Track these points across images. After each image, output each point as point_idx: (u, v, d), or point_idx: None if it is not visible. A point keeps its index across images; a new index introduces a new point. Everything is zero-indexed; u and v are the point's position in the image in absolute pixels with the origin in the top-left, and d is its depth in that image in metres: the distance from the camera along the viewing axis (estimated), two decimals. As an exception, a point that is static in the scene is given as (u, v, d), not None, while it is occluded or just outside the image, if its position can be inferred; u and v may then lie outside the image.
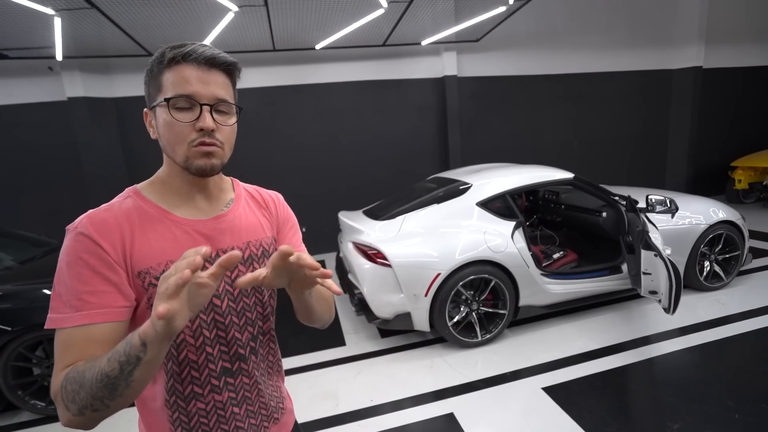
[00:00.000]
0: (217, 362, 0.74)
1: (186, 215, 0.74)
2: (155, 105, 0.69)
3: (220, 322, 0.74)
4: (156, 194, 0.74)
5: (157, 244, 0.68)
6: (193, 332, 0.72)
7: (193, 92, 0.66)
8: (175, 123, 0.67)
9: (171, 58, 0.66)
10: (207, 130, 0.67)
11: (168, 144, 0.69)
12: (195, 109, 0.67)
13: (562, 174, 3.10)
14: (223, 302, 0.74)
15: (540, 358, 2.59)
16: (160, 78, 0.67)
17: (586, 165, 6.22)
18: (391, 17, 4.26)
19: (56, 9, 3.34)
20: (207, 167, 0.70)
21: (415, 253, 2.68)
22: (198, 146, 0.68)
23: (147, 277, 0.67)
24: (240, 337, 0.77)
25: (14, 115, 4.78)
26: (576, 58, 6.09)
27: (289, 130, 5.31)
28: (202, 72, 0.67)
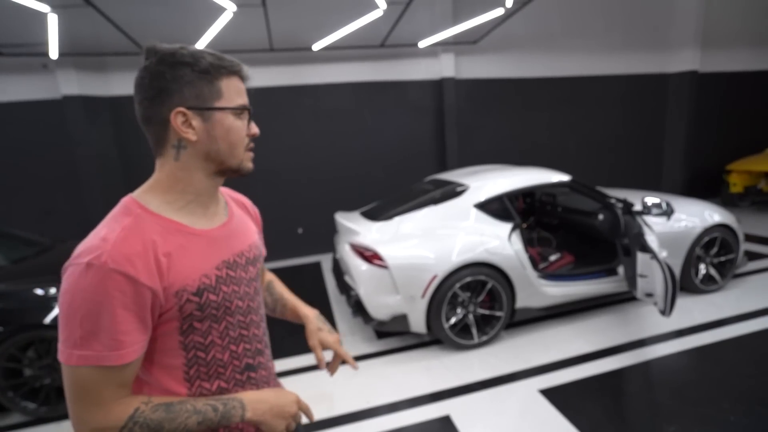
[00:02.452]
0: (242, 359, 0.79)
1: (202, 225, 0.75)
2: (212, 108, 0.70)
3: (242, 322, 0.79)
4: (166, 207, 0.72)
5: (188, 262, 0.70)
6: (221, 333, 0.75)
7: (246, 103, 0.75)
8: (241, 129, 0.74)
9: (231, 70, 0.72)
10: (256, 135, 0.78)
11: (228, 147, 0.73)
12: (244, 117, 0.75)
13: (559, 176, 3.10)
14: (244, 302, 0.79)
15: (536, 360, 2.59)
16: (218, 84, 0.71)
17: (583, 167, 6.24)
18: (389, 18, 4.26)
19: (51, 6, 3.30)
20: (251, 169, 0.79)
21: (412, 254, 2.67)
22: (248, 150, 0.77)
23: (184, 294, 0.68)
24: (258, 333, 0.84)
25: (7, 112, 4.73)
26: (573, 61, 6.11)
27: (286, 131, 5.29)
28: (242, 86, 0.76)
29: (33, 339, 2.27)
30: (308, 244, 5.47)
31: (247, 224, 0.88)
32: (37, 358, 2.31)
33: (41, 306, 2.30)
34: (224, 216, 0.81)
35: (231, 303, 0.76)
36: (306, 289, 4.28)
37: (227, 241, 0.78)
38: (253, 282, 0.83)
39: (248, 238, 0.85)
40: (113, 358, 0.61)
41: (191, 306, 0.69)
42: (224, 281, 0.75)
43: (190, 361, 0.73)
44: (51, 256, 2.96)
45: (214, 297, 0.72)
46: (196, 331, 0.72)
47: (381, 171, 5.60)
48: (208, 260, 0.73)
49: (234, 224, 0.82)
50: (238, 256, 0.79)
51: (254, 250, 0.85)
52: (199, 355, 0.73)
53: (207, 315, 0.72)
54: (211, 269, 0.73)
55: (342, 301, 3.69)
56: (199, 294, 0.70)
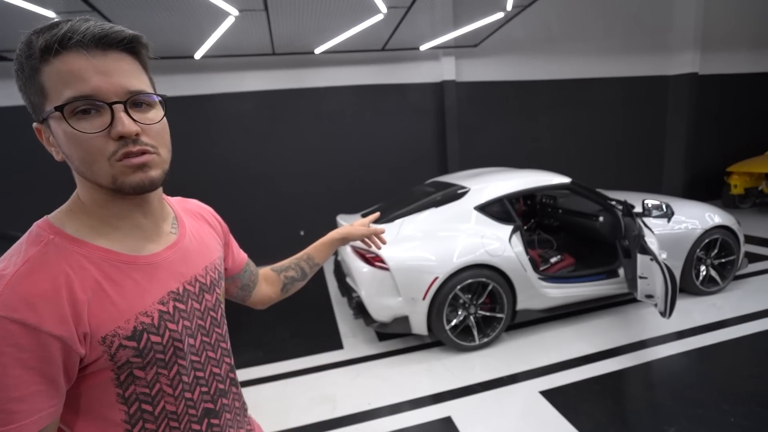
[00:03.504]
0: (198, 406, 0.65)
1: (137, 250, 0.59)
2: (46, 117, 0.51)
3: (196, 362, 0.64)
4: (86, 230, 0.56)
5: (119, 298, 0.54)
6: (171, 381, 0.60)
7: (92, 90, 0.49)
8: (80, 136, 0.49)
9: (44, 48, 0.48)
10: (129, 135, 0.51)
11: (81, 164, 0.52)
12: (104, 113, 0.50)
13: (560, 179, 3.12)
14: (197, 339, 0.65)
15: (537, 362, 2.60)
16: (38, 79, 0.49)
17: (584, 170, 6.26)
18: (390, 22, 4.29)
19: (57, 12, 3.35)
20: (146, 182, 0.54)
21: (413, 256, 2.69)
22: (122, 159, 0.51)
23: (116, 339, 0.53)
24: (219, 371, 0.69)
25: (14, 116, 4.78)
26: (573, 63, 6.14)
27: (288, 134, 5.32)
28: (96, 59, 0.49)
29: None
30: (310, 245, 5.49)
31: (205, 241, 0.73)
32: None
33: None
34: (173, 235, 0.66)
35: (182, 342, 0.61)
36: (308, 291, 4.29)
37: (175, 266, 0.63)
38: (209, 313, 0.68)
39: (204, 258, 0.70)
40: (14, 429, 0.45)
41: (126, 353, 0.54)
42: (171, 317, 0.60)
43: (134, 416, 0.58)
44: None
45: (158, 338, 0.57)
46: (138, 381, 0.57)
47: (382, 174, 5.63)
48: (147, 294, 0.57)
49: (186, 244, 0.67)
50: (190, 283, 0.65)
51: (211, 273, 0.70)
52: (144, 408, 0.58)
53: (150, 361, 0.57)
54: (151, 305, 0.57)
55: (344, 303, 3.71)
56: (136, 338, 0.55)
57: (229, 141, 5.10)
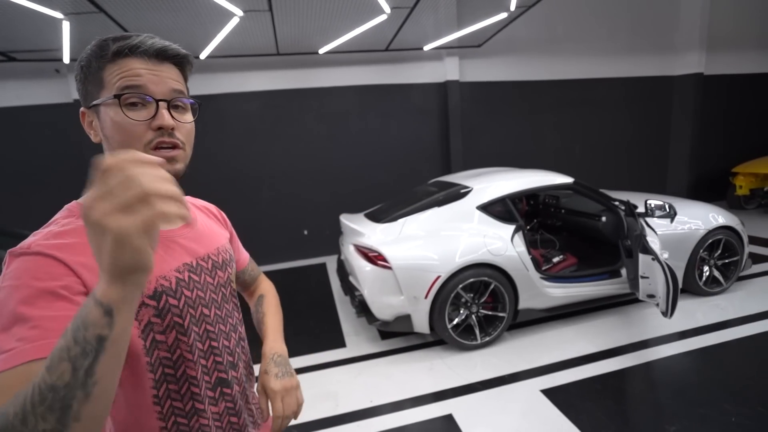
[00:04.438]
0: (213, 374, 0.71)
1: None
2: (97, 103, 0.60)
3: (211, 332, 0.71)
4: None
5: None
6: (190, 346, 0.67)
7: (144, 85, 0.59)
8: (127, 122, 0.58)
9: (116, 51, 0.58)
10: (167, 128, 0.59)
11: (120, 147, 0.60)
12: (149, 107, 0.59)
13: (563, 179, 3.13)
14: (211, 311, 0.72)
15: (539, 361, 2.61)
16: (101, 73, 0.59)
17: (588, 170, 6.25)
18: (394, 23, 4.31)
19: (65, 13, 3.40)
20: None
21: (416, 255, 2.70)
22: (156, 149, 0.60)
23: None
24: (228, 344, 0.75)
25: (21, 116, 4.85)
26: (577, 63, 6.13)
27: (291, 134, 5.36)
28: (153, 65, 0.60)
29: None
30: (314, 245, 5.52)
31: (213, 228, 0.81)
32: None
33: None
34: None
35: (196, 310, 0.68)
36: (311, 290, 4.32)
37: (190, 243, 0.71)
38: (221, 288, 0.75)
39: (215, 241, 0.78)
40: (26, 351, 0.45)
41: (149, 312, 0.61)
42: (186, 285, 0.67)
43: (158, 381, 0.64)
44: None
45: (175, 301, 0.64)
46: (159, 346, 0.63)
47: (386, 173, 5.65)
48: (165, 262, 0.65)
49: (198, 226, 0.75)
50: (203, 259, 0.72)
51: (223, 254, 0.77)
52: (167, 373, 0.65)
53: (169, 324, 0.63)
54: (170, 271, 0.65)
55: (346, 301, 3.73)
56: (156, 297, 0.62)
57: (233, 140, 5.14)
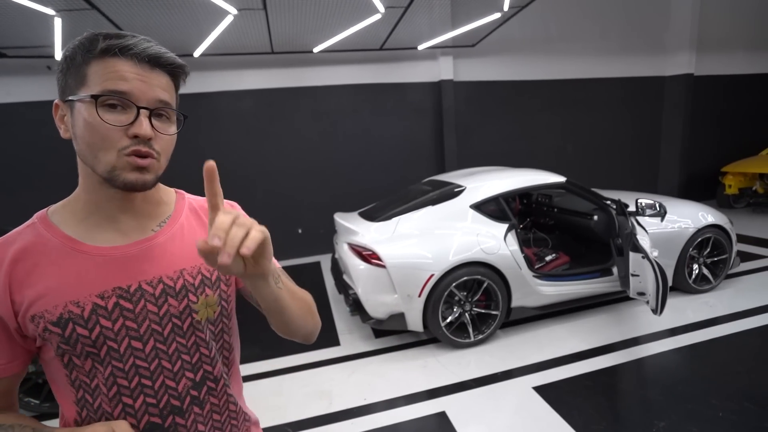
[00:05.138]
0: (141, 416, 0.63)
1: (101, 241, 0.61)
2: (74, 99, 0.56)
3: (143, 368, 0.62)
4: (68, 217, 0.62)
5: (55, 283, 0.57)
6: (106, 380, 0.60)
7: (129, 91, 0.55)
8: (102, 125, 0.54)
9: (105, 49, 0.54)
10: (144, 137, 0.56)
11: (88, 149, 0.56)
12: (129, 112, 0.55)
13: (555, 178, 3.15)
14: (147, 344, 0.62)
15: (531, 359, 2.64)
16: (85, 68, 0.55)
17: (580, 169, 6.31)
18: (388, 22, 4.32)
19: (57, 9, 3.36)
20: (138, 183, 0.57)
21: (410, 254, 2.72)
22: (130, 156, 0.56)
23: (41, 322, 0.56)
24: (174, 385, 0.65)
25: (12, 113, 4.79)
26: (570, 63, 6.18)
27: (286, 132, 5.34)
28: (143, 70, 0.56)
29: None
30: (308, 244, 5.52)
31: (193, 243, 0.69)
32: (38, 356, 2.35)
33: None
34: (150, 231, 0.65)
35: (118, 343, 0.60)
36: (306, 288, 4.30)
37: (134, 263, 0.62)
38: (172, 319, 0.64)
39: (182, 261, 0.66)
40: None
41: (54, 337, 0.57)
42: (108, 314, 0.59)
43: (80, 401, 0.62)
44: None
45: (85, 332, 0.58)
46: (78, 369, 0.60)
47: (380, 172, 5.66)
48: (86, 284, 0.59)
49: (161, 243, 0.65)
50: (149, 283, 0.62)
51: (187, 278, 0.66)
52: (86, 398, 0.61)
53: (83, 352, 0.59)
54: (87, 296, 0.58)
55: (340, 300, 3.74)
56: (61, 325, 0.57)
57: (227, 139, 5.12)
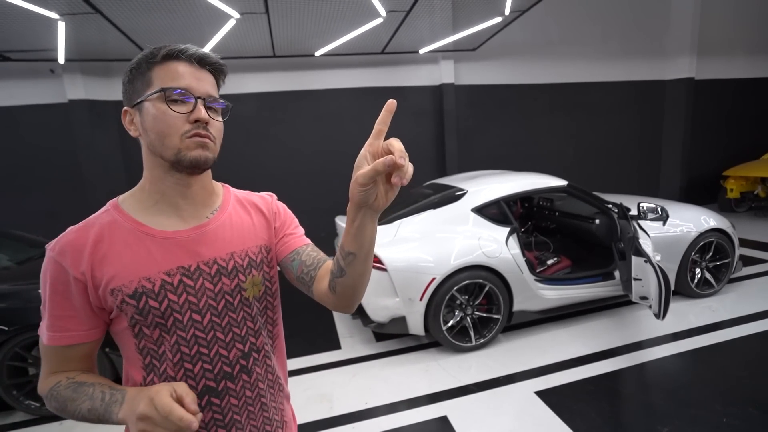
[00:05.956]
0: (199, 380, 0.71)
1: (164, 226, 0.71)
2: (143, 100, 0.66)
3: (201, 338, 0.71)
4: (135, 205, 0.72)
5: (129, 261, 0.67)
6: (172, 347, 0.69)
7: (187, 85, 0.66)
8: (169, 114, 0.65)
9: (165, 55, 0.66)
10: (203, 121, 0.66)
11: (157, 137, 0.66)
12: (188, 103, 0.66)
13: (557, 181, 3.15)
14: (205, 317, 0.71)
15: (533, 363, 2.62)
16: (149, 74, 0.66)
17: (581, 173, 6.31)
18: (390, 26, 4.34)
19: (60, 13, 3.39)
20: (201, 159, 0.67)
21: (411, 257, 2.71)
22: (192, 137, 0.66)
23: (119, 295, 0.66)
24: (226, 354, 0.73)
25: (15, 116, 4.81)
26: (571, 67, 6.20)
27: (287, 136, 5.36)
28: (195, 69, 0.67)
29: (37, 339, 2.30)
30: (309, 247, 5.51)
31: (244, 229, 0.78)
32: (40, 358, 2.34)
33: (46, 306, 2.34)
34: (205, 218, 0.74)
35: (182, 315, 0.69)
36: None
37: (193, 245, 0.71)
38: (225, 296, 0.73)
39: (234, 245, 0.75)
40: (46, 338, 0.66)
41: (130, 308, 0.66)
42: (174, 289, 0.68)
43: (147, 366, 0.70)
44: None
45: (156, 304, 0.67)
46: (146, 337, 0.69)
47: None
48: (156, 263, 0.68)
49: (214, 229, 0.74)
50: (206, 264, 0.71)
51: (237, 260, 0.75)
52: (154, 363, 0.70)
53: (153, 322, 0.68)
54: (156, 273, 0.67)
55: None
56: (136, 297, 0.66)
57: (228, 142, 5.06)
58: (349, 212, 0.63)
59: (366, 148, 0.57)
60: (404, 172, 0.53)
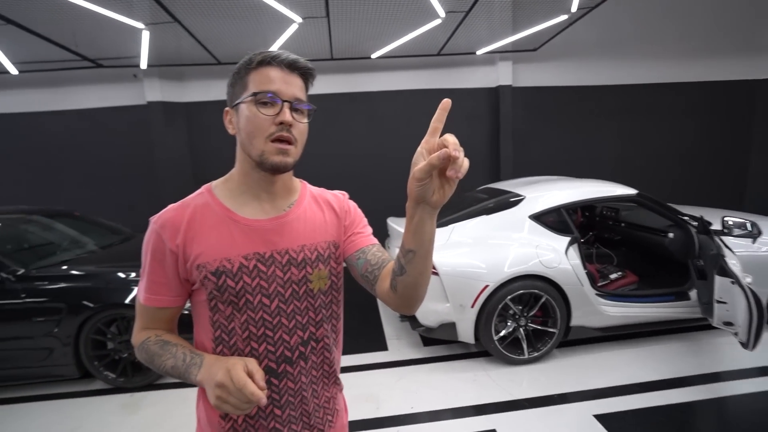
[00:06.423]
0: (262, 360, 0.77)
1: (248, 214, 0.77)
2: (240, 102, 0.73)
3: (268, 321, 0.76)
4: (225, 192, 0.79)
5: (215, 242, 0.74)
6: (242, 325, 0.76)
7: (276, 90, 0.71)
8: (258, 116, 0.71)
9: (260, 61, 0.72)
10: (286, 123, 0.71)
11: (247, 137, 0.73)
12: (276, 107, 0.71)
13: (625, 190, 2.92)
14: (273, 302, 0.76)
15: (592, 383, 2.44)
16: (246, 78, 0.73)
17: (649, 182, 5.80)
18: (448, 27, 4.28)
19: (145, 23, 3.72)
20: (281, 164, 0.73)
21: (464, 263, 2.64)
22: (275, 141, 0.71)
23: (203, 271, 0.73)
24: (288, 339, 0.78)
25: (104, 116, 5.38)
26: (643, 67, 5.74)
27: (341, 137, 5.48)
28: (285, 74, 0.73)
29: (116, 316, 2.54)
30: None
31: (316, 224, 0.82)
32: (118, 334, 2.58)
33: (123, 287, 2.57)
34: (282, 211, 0.80)
35: (254, 297, 0.75)
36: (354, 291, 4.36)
37: (269, 235, 0.77)
38: (292, 285, 0.78)
39: (305, 238, 0.80)
40: (143, 298, 0.77)
41: (210, 284, 0.73)
42: (249, 272, 0.74)
43: (216, 339, 0.77)
44: (132, 245, 3.30)
45: (232, 283, 0.73)
46: (220, 312, 0.75)
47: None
48: (236, 246, 0.74)
49: (290, 221, 0.79)
50: (279, 253, 0.77)
51: (307, 252, 0.79)
52: (223, 337, 0.76)
53: (227, 299, 0.74)
54: (236, 255, 0.74)
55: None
56: (217, 275, 0.73)
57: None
58: (408, 209, 0.64)
59: (422, 145, 0.59)
60: (459, 165, 0.55)
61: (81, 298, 2.50)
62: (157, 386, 2.62)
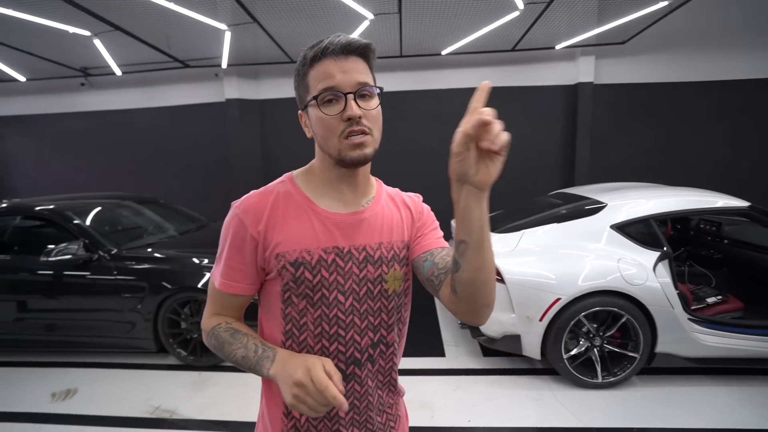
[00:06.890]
0: (332, 359, 0.73)
1: (328, 207, 0.75)
2: (306, 105, 0.71)
3: (341, 320, 0.74)
4: (306, 182, 0.77)
5: (296, 232, 0.72)
6: (314, 320, 0.73)
7: (335, 84, 0.67)
8: (325, 117, 0.68)
9: (312, 57, 0.68)
10: (354, 118, 0.67)
11: (321, 139, 0.71)
12: (341, 101, 0.67)
13: (732, 201, 2.52)
14: (347, 300, 0.74)
15: (680, 422, 2.13)
16: (306, 79, 0.70)
17: (760, 192, 5.01)
18: (525, 20, 4.03)
19: (228, 24, 3.96)
20: (360, 158, 0.69)
21: (533, 272, 2.45)
22: (348, 138, 0.68)
23: (282, 260, 0.71)
24: (359, 340, 0.75)
25: (188, 112, 5.87)
26: (755, 60, 4.96)
27: (407, 134, 5.43)
28: (341, 61, 0.67)
29: (189, 299, 2.72)
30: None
31: (392, 223, 0.80)
32: (190, 315, 2.76)
33: (197, 272, 2.74)
34: (361, 206, 0.78)
35: (330, 292, 0.72)
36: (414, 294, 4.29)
37: (348, 229, 0.75)
38: (367, 283, 0.75)
39: (382, 235, 0.77)
40: (218, 283, 0.75)
41: (287, 275, 0.71)
42: (327, 266, 0.72)
43: (287, 333, 0.74)
44: (207, 233, 3.53)
45: (310, 276, 0.71)
46: (293, 305, 0.73)
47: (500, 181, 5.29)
48: (317, 239, 0.72)
49: (368, 218, 0.77)
50: (356, 249, 0.74)
51: (383, 250, 0.77)
52: (293, 331, 0.73)
53: (302, 293, 0.72)
54: (316, 248, 0.72)
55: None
56: (295, 266, 0.70)
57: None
58: (454, 193, 0.61)
59: (461, 125, 0.56)
60: (494, 135, 0.53)
61: (161, 279, 2.71)
62: (222, 368, 2.77)
